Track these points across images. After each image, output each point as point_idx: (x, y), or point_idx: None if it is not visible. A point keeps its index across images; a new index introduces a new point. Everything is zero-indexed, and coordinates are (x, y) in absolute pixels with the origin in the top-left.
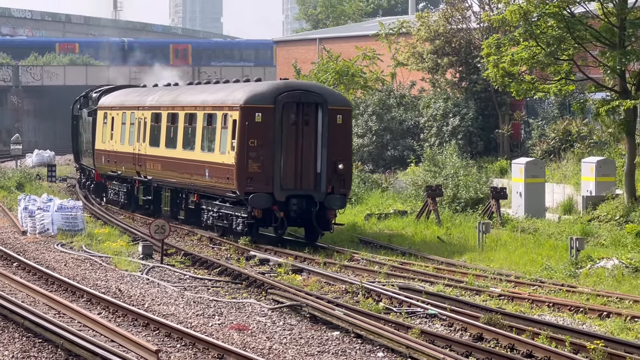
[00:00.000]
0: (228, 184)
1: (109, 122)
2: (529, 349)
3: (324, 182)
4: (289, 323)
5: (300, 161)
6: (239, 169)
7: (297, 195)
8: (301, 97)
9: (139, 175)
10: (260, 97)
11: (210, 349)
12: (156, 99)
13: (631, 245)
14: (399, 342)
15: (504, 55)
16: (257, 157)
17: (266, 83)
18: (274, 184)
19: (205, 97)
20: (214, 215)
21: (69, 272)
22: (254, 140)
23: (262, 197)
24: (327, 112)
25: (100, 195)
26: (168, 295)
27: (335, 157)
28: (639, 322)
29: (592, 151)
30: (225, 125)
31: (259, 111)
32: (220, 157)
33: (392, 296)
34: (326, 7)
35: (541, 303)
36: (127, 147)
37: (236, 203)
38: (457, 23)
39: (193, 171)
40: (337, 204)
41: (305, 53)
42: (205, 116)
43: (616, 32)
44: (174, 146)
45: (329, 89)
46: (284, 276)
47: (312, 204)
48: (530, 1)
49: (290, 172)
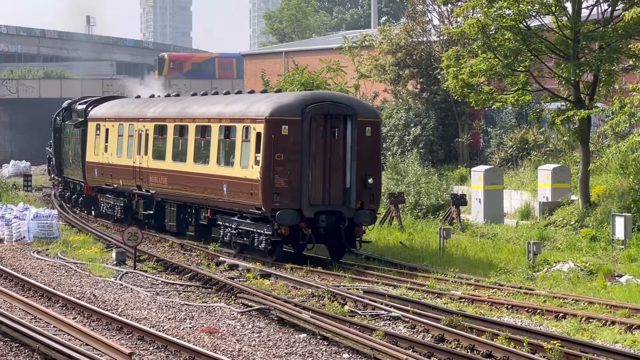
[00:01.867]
0: (251, 199)
1: (102, 134)
2: (488, 349)
3: (353, 198)
4: (257, 326)
5: (329, 176)
6: (265, 185)
7: (325, 212)
8: (329, 109)
9: (140, 189)
10: (287, 109)
11: (181, 352)
12: (159, 111)
13: (586, 249)
14: (364, 344)
15: (463, 67)
16: (284, 171)
17: (291, 94)
18: (302, 200)
19: (221, 109)
20: (233, 232)
21: (45, 278)
22: (281, 154)
23: (290, 214)
24: (356, 124)
25: (90, 208)
26: (141, 300)
27: (365, 171)
28: (593, 322)
29: (548, 159)
30: (247, 138)
31: (285, 124)
32: (241, 172)
33: (356, 299)
34: (292, 21)
35: (500, 305)
36: (125, 160)
37: (258, 219)
38: (417, 36)
39: (207, 186)
40: (366, 220)
41: (272, 66)
42: (222, 129)
43: (570, 45)
44: (182, 160)
45: (357, 99)
46: (253, 281)
47: (341, 220)
48: (488, 15)
49: (318, 188)
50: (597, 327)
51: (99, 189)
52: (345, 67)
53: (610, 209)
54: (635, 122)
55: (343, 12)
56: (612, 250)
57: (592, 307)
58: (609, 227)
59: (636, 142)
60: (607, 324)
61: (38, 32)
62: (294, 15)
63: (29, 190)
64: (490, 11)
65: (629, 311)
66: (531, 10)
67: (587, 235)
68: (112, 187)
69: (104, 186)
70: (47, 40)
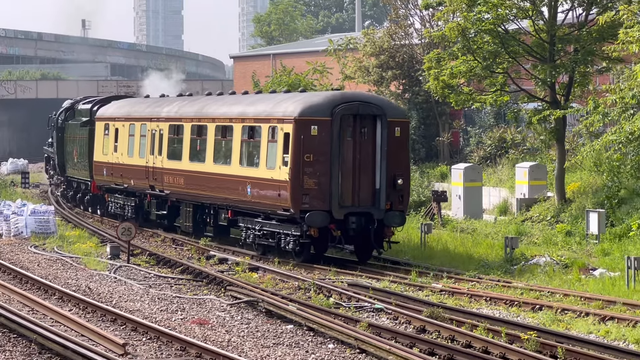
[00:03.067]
0: (279, 200)
1: (111, 134)
2: (468, 340)
3: (383, 199)
4: (246, 317)
5: (358, 177)
6: (294, 186)
7: (355, 213)
8: (359, 109)
9: (153, 190)
10: (316, 109)
11: (173, 342)
12: (175, 110)
13: (561, 243)
14: (348, 335)
15: (443, 69)
16: (313, 172)
17: (320, 94)
18: (332, 201)
19: (243, 109)
20: (257, 234)
21: (42, 271)
22: (310, 154)
23: (320, 215)
24: (386, 124)
25: (96, 208)
26: (134, 293)
27: (394, 172)
28: (568, 314)
29: (525, 157)
30: (274, 138)
31: (314, 124)
32: (267, 173)
33: (341, 292)
34: (280, 25)
35: (479, 297)
36: (137, 159)
37: (284, 220)
38: (400, 39)
39: (229, 187)
40: (396, 221)
41: (260, 68)
42: (245, 129)
43: (547, 47)
44: (201, 160)
45: (386, 100)
46: (242, 274)
47: (371, 221)
48: (468, 19)
49: (347, 189)
50: (572, 318)
51: (107, 188)
52: (330, 68)
53: (584, 205)
54: (608, 122)
55: (328, 16)
56: (586, 244)
57: (567, 299)
58: (583, 223)
59: (609, 140)
60: (582, 315)
61: (35, 35)
62: (281, 19)
63: (26, 187)
64: (469, 15)
65: (603, 303)
66: (509, 14)
67: (563, 231)
68: (123, 186)
69: (113, 186)
70: (44, 43)
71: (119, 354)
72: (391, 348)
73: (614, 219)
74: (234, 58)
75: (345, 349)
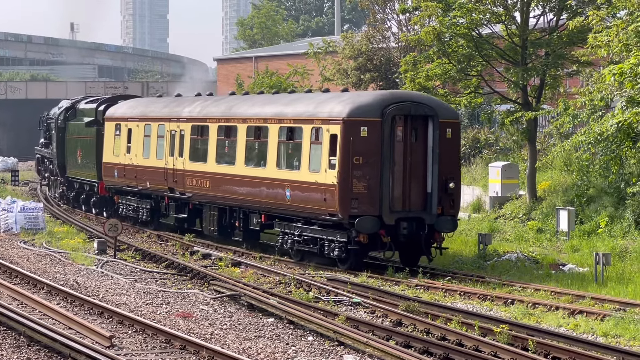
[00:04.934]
0: (324, 205)
1: (123, 134)
2: (442, 333)
3: (434, 203)
4: (228, 311)
5: (409, 180)
6: (342, 190)
7: (406, 218)
8: (411, 109)
9: (173, 192)
10: (366, 109)
11: (158, 335)
12: (197, 110)
13: (532, 240)
14: (327, 328)
15: (419, 72)
16: (363, 176)
17: (368, 93)
18: (383, 206)
19: (281, 109)
20: (297, 239)
21: (31, 266)
22: (359, 157)
23: (370, 221)
24: (437, 125)
25: (102, 210)
26: (120, 287)
27: (446, 175)
28: (539, 308)
29: (498, 156)
30: (319, 140)
31: (364, 125)
32: (310, 176)
33: (320, 286)
34: (262, 28)
35: (453, 292)
36: (153, 161)
37: (328, 226)
38: (377, 42)
39: (264, 190)
40: (448, 226)
41: (243, 70)
42: (283, 130)
43: (519, 51)
44: (230, 162)
45: (438, 99)
46: (224, 269)
47: (422, 226)
48: (443, 23)
49: (398, 193)
50: (543, 312)
51: (117, 190)
52: (311, 71)
53: (555, 203)
54: (578, 123)
55: (309, 20)
56: (556, 241)
57: (538, 293)
58: (553, 220)
59: (579, 141)
60: (552, 309)
61: (25, 38)
62: (264, 23)
63: (16, 184)
64: (445, 20)
65: (572, 297)
66: (483, 19)
67: (534, 228)
68: (137, 188)
69: (125, 188)
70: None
71: (105, 346)
72: (368, 340)
73: (583, 216)
74: (217, 60)
75: (324, 341)
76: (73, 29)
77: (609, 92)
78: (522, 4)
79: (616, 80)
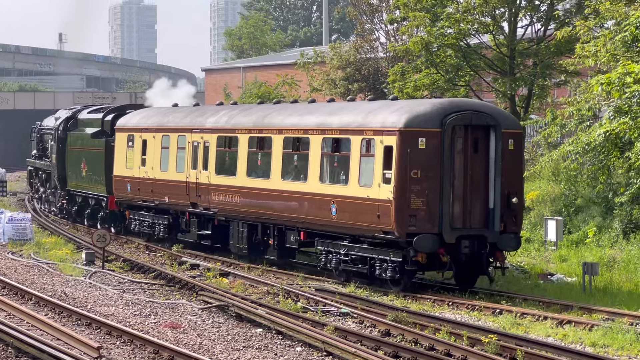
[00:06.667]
0: (378, 222)
1: (137, 146)
2: (431, 343)
3: (497, 220)
4: (217, 321)
5: (470, 195)
6: (399, 206)
7: (467, 236)
8: (472, 119)
9: (195, 207)
10: (424, 119)
11: (146, 345)
12: (224, 120)
13: (521, 249)
14: (316, 338)
15: (407, 82)
16: (421, 191)
17: (425, 102)
18: (443, 223)
19: (323, 119)
20: (343, 259)
21: (19, 277)
22: (417, 170)
23: (429, 239)
24: (500, 136)
25: (111, 225)
26: (109, 297)
27: (508, 189)
28: (527, 318)
29: None
30: (370, 152)
31: (422, 136)
32: (361, 191)
33: (309, 297)
34: (250, 38)
35: (442, 302)
36: (173, 174)
37: (380, 244)
38: (366, 53)
39: (304, 205)
40: (512, 244)
41: (231, 80)
42: (327, 141)
43: (507, 61)
44: (263, 175)
45: (499, 108)
46: (213, 279)
47: (483, 245)
48: (431, 33)
49: (458, 209)
50: (531, 322)
51: (129, 205)
52: (299, 81)
53: (543, 213)
54: (566, 133)
55: (297, 30)
56: (544, 251)
57: (527, 303)
58: (542, 230)
59: (567, 151)
60: (540, 319)
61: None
62: (252, 33)
63: (4, 195)
64: (433, 30)
65: (560, 307)
66: (471, 29)
67: (522, 237)
68: (153, 203)
69: (139, 203)
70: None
71: (93, 357)
72: (357, 351)
73: (571, 226)
74: (205, 71)
75: (313, 352)
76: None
77: (596, 102)
78: (510, 14)
79: (604, 90)
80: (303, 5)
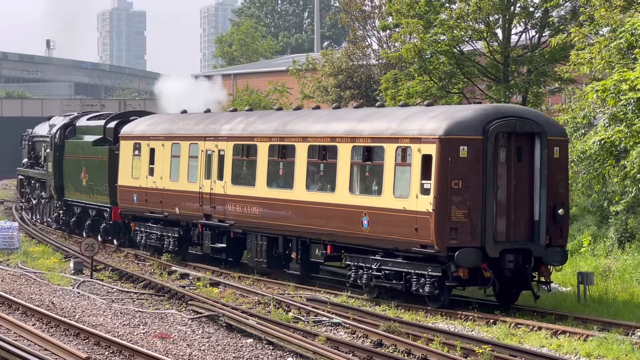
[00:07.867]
0: (415, 235)
1: (144, 154)
2: (424, 354)
3: (542, 232)
4: (207, 331)
5: (513, 206)
6: (439, 218)
7: (511, 250)
8: (516, 126)
9: (209, 219)
10: (466, 126)
11: (135, 356)
12: (241, 128)
13: None
14: (307, 348)
15: (400, 89)
16: (463, 202)
17: (464, 107)
18: (486, 236)
19: (353, 126)
20: (376, 274)
21: (6, 287)
22: (458, 181)
23: (472, 253)
24: (545, 144)
25: (114, 237)
26: (97, 307)
27: (554, 200)
28: (522, 328)
29: None
30: (406, 161)
31: (464, 144)
32: (396, 202)
33: (300, 307)
34: (241, 45)
35: (435, 312)
36: (184, 184)
37: (415, 259)
38: (358, 60)
39: (332, 217)
40: (558, 259)
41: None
42: (358, 149)
43: (501, 68)
44: (285, 186)
45: (544, 115)
46: (203, 289)
47: (527, 259)
48: (424, 40)
49: (502, 221)
50: (525, 332)
51: (135, 216)
52: (290, 88)
53: None
54: None
55: (288, 36)
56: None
57: (520, 313)
58: None
59: None
60: (535, 329)
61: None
62: (243, 40)
63: None
64: (426, 37)
65: (555, 317)
66: (464, 36)
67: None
68: (162, 215)
69: (147, 214)
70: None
71: None
72: None
73: None
74: (196, 77)
75: None
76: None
77: (591, 110)
78: (504, 21)
79: (599, 97)
80: (294, 11)
